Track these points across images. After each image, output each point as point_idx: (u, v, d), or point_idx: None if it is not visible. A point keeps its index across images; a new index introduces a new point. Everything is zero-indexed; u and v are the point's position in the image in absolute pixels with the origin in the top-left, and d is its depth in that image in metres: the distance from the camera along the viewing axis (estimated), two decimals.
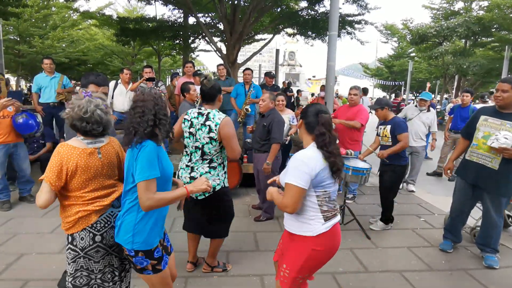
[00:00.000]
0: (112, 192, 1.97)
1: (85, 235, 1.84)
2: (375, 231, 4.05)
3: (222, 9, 11.22)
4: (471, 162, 3.28)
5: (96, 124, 1.84)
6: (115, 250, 1.97)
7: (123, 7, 27.96)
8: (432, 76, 30.17)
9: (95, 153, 1.88)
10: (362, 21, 12.85)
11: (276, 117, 4.07)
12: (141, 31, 13.39)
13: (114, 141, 2.08)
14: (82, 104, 1.81)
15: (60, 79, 5.87)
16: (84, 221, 1.83)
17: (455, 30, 18.82)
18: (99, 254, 1.88)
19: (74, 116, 1.81)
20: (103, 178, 1.92)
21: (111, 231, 1.91)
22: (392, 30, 27.20)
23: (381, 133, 4.13)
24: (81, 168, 1.81)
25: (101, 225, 1.87)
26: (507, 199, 3.23)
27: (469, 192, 3.36)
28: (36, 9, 16.49)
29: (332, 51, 5.89)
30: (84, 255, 1.85)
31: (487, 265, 3.18)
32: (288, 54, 28.64)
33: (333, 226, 1.91)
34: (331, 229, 1.89)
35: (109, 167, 1.95)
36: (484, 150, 3.13)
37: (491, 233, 3.24)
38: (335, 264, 3.21)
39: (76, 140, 1.87)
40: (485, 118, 3.22)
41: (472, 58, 20.77)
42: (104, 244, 1.89)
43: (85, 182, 1.83)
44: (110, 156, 1.97)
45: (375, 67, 39.12)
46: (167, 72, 27.88)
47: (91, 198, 1.86)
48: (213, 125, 2.67)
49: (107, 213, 1.91)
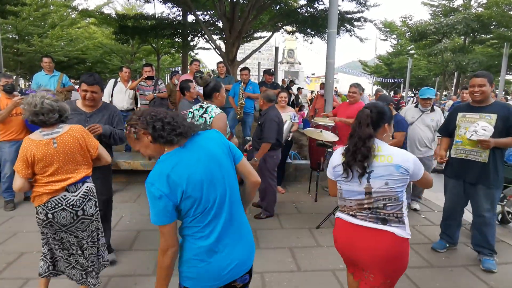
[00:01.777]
0: (67, 178, 2.22)
1: (41, 211, 2.17)
2: None
3: (221, 6, 11.20)
4: (458, 159, 3.26)
5: (51, 113, 2.11)
6: (69, 229, 2.25)
7: (122, 5, 27.85)
8: (431, 73, 30.17)
9: (50, 143, 2.13)
10: (361, 19, 12.82)
11: (268, 116, 4.02)
12: (140, 29, 13.35)
13: (75, 129, 2.26)
14: (29, 101, 2.08)
15: (60, 78, 5.86)
16: (38, 199, 2.16)
17: (454, 27, 18.84)
18: (52, 228, 2.22)
19: (29, 114, 2.09)
20: (59, 164, 2.17)
21: (62, 212, 2.18)
22: (391, 27, 27.20)
23: None
24: (38, 158, 2.10)
25: (51, 205, 2.16)
26: (498, 192, 3.22)
27: (460, 191, 3.35)
28: (34, 8, 16.47)
29: (331, 48, 5.88)
30: (43, 225, 2.21)
31: (485, 268, 3.14)
32: (287, 52, 28.52)
33: (337, 217, 2.00)
34: (336, 219, 2.00)
35: (66, 154, 2.19)
36: (471, 145, 3.13)
37: (485, 233, 3.22)
38: (335, 261, 3.22)
39: (35, 133, 2.16)
40: (463, 115, 3.24)
41: (471, 55, 20.79)
42: (56, 222, 2.19)
43: (42, 168, 2.12)
44: (68, 144, 2.19)
45: (374, 64, 39.07)
46: (166, 70, 27.82)
47: (45, 182, 2.16)
48: (208, 118, 2.93)
49: (59, 196, 2.18)
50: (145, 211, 4.36)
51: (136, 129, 1.47)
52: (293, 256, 3.33)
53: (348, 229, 1.89)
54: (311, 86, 30.73)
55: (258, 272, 3.01)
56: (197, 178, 1.44)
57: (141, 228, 3.85)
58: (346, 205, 1.90)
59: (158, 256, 1.47)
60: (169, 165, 1.43)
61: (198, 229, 1.48)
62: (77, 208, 2.24)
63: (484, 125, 3.01)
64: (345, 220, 1.91)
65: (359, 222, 1.83)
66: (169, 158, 1.45)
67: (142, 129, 1.46)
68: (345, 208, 1.92)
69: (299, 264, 3.19)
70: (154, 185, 1.39)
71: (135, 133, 1.48)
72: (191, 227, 1.49)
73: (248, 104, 6.41)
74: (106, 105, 3.06)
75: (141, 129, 1.47)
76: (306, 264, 3.19)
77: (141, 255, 3.26)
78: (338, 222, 1.97)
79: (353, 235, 1.86)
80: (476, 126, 3.05)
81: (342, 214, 1.95)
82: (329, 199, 4.97)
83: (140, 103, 5.82)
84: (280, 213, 4.39)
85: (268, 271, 3.02)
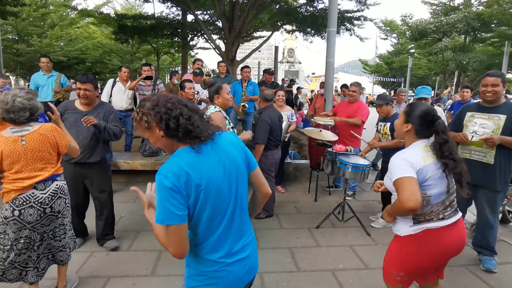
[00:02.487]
0: (35, 176, 2.24)
1: (7, 208, 2.20)
2: (376, 228, 4.03)
3: (220, 6, 11.19)
4: (463, 160, 3.22)
5: (21, 111, 2.15)
6: (34, 227, 2.27)
7: (121, 4, 27.86)
8: (432, 72, 30.13)
9: (18, 141, 2.17)
10: (361, 17, 12.82)
11: (261, 117, 4.00)
12: (139, 29, 13.36)
13: (46, 127, 2.29)
14: (1, 99, 2.13)
15: (58, 78, 5.85)
16: (7, 196, 2.19)
17: (455, 26, 18.81)
18: (16, 226, 2.22)
19: (1, 111, 2.14)
20: (27, 162, 2.20)
21: (30, 209, 2.21)
22: (392, 26, 27.14)
23: (381, 130, 4.10)
24: (5, 154, 2.13)
25: (19, 202, 2.19)
26: (502, 195, 3.18)
27: None
28: (34, 8, 16.48)
29: (331, 47, 5.87)
30: (6, 223, 2.22)
31: (485, 269, 3.12)
32: (287, 51, 28.51)
33: (423, 230, 1.81)
34: (420, 233, 1.81)
35: (34, 152, 2.21)
36: (476, 146, 3.08)
37: (487, 235, 3.19)
38: (335, 261, 3.21)
39: (5, 130, 2.21)
40: (471, 114, 3.16)
41: (472, 53, 20.76)
42: (22, 219, 2.20)
43: (9, 165, 2.16)
44: (36, 142, 2.22)
45: (375, 63, 39.04)
46: (166, 70, 27.81)
47: (12, 179, 2.19)
48: (205, 117, 2.95)
49: (27, 193, 2.21)
50: None
51: (148, 120, 1.33)
52: (292, 256, 3.32)
53: (444, 234, 1.82)
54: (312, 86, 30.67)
55: (257, 272, 2.99)
56: (216, 181, 1.33)
57: (140, 228, 3.84)
58: (434, 211, 1.81)
59: None
60: (188, 162, 1.29)
61: (210, 239, 1.38)
62: (45, 206, 2.27)
63: (482, 123, 2.98)
64: (438, 227, 1.81)
65: (448, 222, 1.83)
66: (187, 154, 1.32)
67: (155, 122, 1.32)
68: (432, 215, 1.82)
69: (298, 264, 3.18)
70: (168, 178, 1.24)
71: (146, 123, 1.34)
72: (200, 237, 1.38)
73: (248, 104, 6.40)
74: (102, 103, 3.24)
75: (153, 121, 1.33)
76: (306, 264, 3.17)
77: (140, 255, 3.25)
78: (430, 235, 1.81)
79: (450, 237, 1.84)
80: (474, 125, 3.03)
81: (429, 223, 1.81)
82: (329, 199, 4.96)
83: None
84: (279, 213, 4.37)
85: (267, 272, 3.01)
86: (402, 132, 1.95)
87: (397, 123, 1.99)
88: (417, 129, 1.88)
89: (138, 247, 3.42)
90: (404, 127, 1.92)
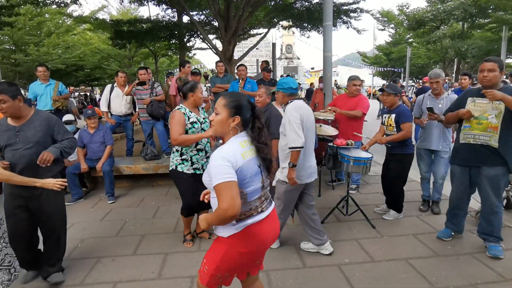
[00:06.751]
0: None
1: None
2: (381, 220, 4.02)
3: (215, 5, 11.17)
4: (467, 145, 3.21)
5: None
6: None
7: (117, 9, 27.89)
8: (431, 61, 29.98)
9: None
10: (357, 9, 12.77)
11: (273, 112, 3.98)
12: (135, 33, 13.37)
13: None
14: None
15: (56, 86, 5.85)
16: None
17: (452, 13, 18.70)
18: None
19: None
20: None
21: None
22: (389, 16, 27.01)
23: (385, 122, 4.03)
24: None
25: None
26: (505, 180, 3.17)
27: (467, 179, 3.31)
28: (29, 17, 16.50)
29: (328, 41, 5.84)
30: None
31: (492, 255, 3.12)
32: (285, 47, 28.46)
33: (247, 226, 1.75)
34: (244, 229, 1.75)
35: None
36: (480, 130, 3.08)
37: (492, 220, 3.18)
38: (341, 255, 3.21)
39: None
40: (472, 100, 3.18)
41: (470, 40, 20.63)
42: None
43: None
44: None
45: (374, 55, 38.87)
46: (164, 72, 27.84)
47: None
48: None
49: None
50: (148, 215, 4.36)
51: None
52: (297, 253, 3.32)
53: (264, 227, 1.85)
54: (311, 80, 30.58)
55: (263, 270, 2.99)
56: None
57: (145, 232, 3.85)
58: (252, 208, 1.83)
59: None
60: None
61: None
62: None
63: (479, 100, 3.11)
64: (258, 221, 1.83)
65: (265, 214, 1.86)
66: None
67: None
68: (252, 211, 1.83)
69: (304, 260, 3.18)
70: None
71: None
72: None
73: None
74: (37, 113, 2.74)
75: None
76: (312, 260, 3.17)
77: (146, 259, 3.26)
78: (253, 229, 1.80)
79: (269, 227, 1.89)
80: (476, 110, 3.11)
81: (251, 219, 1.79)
82: (332, 194, 4.95)
83: (138, 107, 5.80)
84: None
85: (274, 269, 3.01)
86: (229, 128, 1.77)
87: (220, 119, 1.78)
88: (244, 119, 1.77)
89: (143, 251, 3.43)
90: (231, 120, 1.76)
